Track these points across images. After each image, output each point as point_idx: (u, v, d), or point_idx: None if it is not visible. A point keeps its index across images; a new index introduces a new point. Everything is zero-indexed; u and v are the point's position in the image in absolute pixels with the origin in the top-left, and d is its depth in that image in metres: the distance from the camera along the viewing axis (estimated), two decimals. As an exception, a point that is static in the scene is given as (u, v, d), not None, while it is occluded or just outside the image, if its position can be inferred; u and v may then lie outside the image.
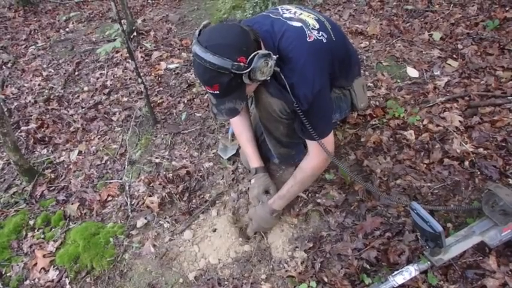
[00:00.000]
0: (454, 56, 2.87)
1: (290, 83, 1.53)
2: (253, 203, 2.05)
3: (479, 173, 2.01)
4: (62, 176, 2.71)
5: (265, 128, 1.91)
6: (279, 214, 1.97)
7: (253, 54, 1.41)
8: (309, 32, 1.58)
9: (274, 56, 1.46)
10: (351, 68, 1.86)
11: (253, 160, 2.07)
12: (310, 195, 2.11)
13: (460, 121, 2.29)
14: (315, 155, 1.73)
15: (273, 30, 1.59)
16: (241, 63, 1.40)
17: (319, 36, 1.58)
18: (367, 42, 3.24)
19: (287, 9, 1.72)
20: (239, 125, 2.07)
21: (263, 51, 1.44)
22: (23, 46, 4.77)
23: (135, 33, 4.06)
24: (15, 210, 2.48)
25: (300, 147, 2.05)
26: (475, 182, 1.97)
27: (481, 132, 2.19)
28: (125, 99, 3.33)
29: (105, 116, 3.18)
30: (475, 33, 3.02)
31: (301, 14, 1.68)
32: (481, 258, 1.65)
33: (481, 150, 2.10)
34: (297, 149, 2.04)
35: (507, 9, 3.13)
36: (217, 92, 1.48)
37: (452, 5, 3.43)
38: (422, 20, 3.37)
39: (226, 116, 1.61)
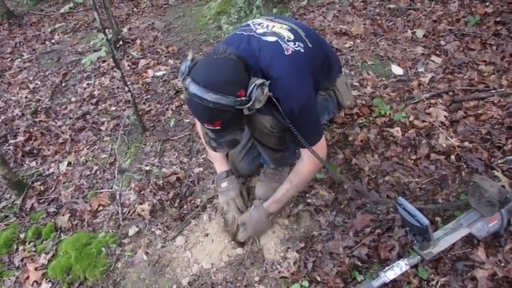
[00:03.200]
0: (437, 52, 2.92)
1: (276, 97, 1.51)
2: (225, 208, 2.06)
3: (465, 166, 2.04)
4: (51, 187, 2.69)
5: (258, 142, 1.92)
6: (273, 217, 1.99)
7: (251, 86, 1.40)
8: (285, 45, 1.56)
9: (267, 83, 1.44)
10: (332, 68, 1.87)
11: (223, 163, 2.09)
12: (300, 195, 2.11)
13: (445, 116, 2.32)
14: (309, 160, 1.72)
15: (251, 49, 1.57)
16: (243, 98, 1.39)
17: (296, 48, 1.58)
18: (352, 42, 3.27)
19: (259, 24, 1.70)
20: None
21: (259, 80, 1.42)
22: (9, 59, 4.75)
23: (121, 42, 4.05)
24: (5, 225, 2.46)
25: (291, 148, 2.07)
26: (461, 175, 2.00)
27: (465, 126, 2.23)
28: (113, 108, 3.32)
29: (94, 126, 3.17)
30: (457, 29, 3.07)
31: (273, 26, 1.67)
32: (470, 250, 1.68)
33: (466, 143, 2.13)
34: (289, 150, 2.08)
35: (487, 4, 3.19)
36: (218, 127, 1.46)
37: (433, 2, 3.48)
38: (405, 18, 3.41)
39: (227, 149, 1.61)
